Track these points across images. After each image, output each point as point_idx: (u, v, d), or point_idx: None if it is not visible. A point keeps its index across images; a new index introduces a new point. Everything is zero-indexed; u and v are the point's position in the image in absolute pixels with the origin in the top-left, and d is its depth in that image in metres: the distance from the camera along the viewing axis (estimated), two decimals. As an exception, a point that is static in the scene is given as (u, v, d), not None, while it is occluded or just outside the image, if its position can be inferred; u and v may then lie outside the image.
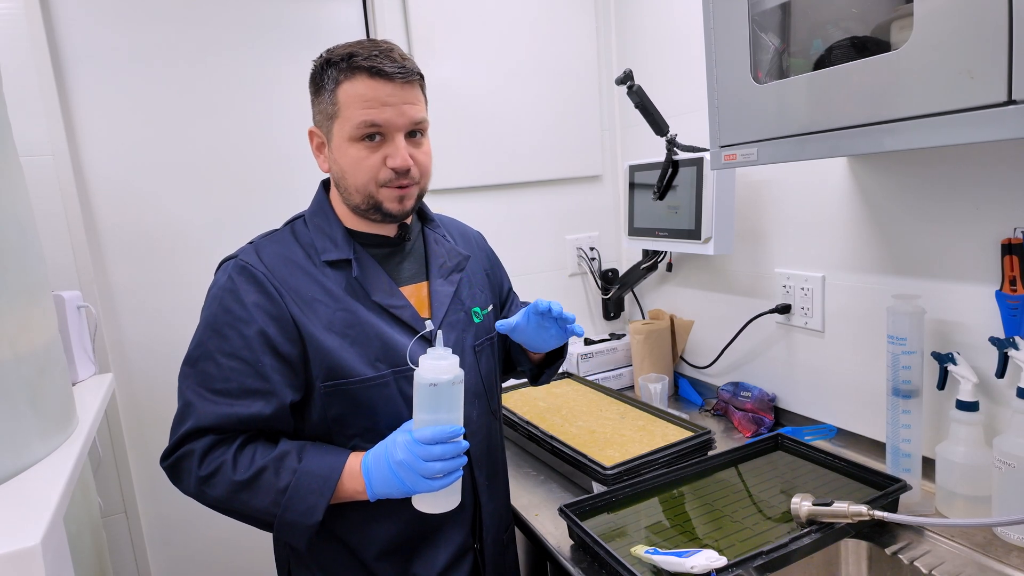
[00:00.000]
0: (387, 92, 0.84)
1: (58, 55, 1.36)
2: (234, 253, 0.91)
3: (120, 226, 1.45)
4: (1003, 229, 0.99)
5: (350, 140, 0.85)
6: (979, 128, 0.68)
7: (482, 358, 1.01)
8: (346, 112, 0.84)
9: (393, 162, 0.85)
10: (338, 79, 0.85)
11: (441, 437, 0.78)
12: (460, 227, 1.13)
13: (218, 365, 0.83)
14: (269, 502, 0.80)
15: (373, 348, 0.88)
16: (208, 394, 0.83)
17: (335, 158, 0.88)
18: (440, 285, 0.97)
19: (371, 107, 0.83)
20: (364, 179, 0.86)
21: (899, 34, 0.81)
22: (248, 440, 0.84)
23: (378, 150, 0.85)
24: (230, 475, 0.80)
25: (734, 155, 1.01)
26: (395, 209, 0.89)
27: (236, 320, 0.84)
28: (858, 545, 0.98)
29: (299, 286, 0.87)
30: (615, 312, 1.98)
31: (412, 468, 0.78)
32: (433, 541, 0.93)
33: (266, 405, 0.83)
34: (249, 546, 1.60)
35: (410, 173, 0.87)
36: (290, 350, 0.85)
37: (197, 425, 0.82)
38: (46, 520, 0.68)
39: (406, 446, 0.79)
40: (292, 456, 0.82)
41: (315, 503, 0.80)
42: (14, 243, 0.83)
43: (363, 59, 0.83)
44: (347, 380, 0.86)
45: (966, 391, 0.99)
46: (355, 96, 0.84)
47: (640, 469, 1.18)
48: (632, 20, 1.81)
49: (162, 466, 0.85)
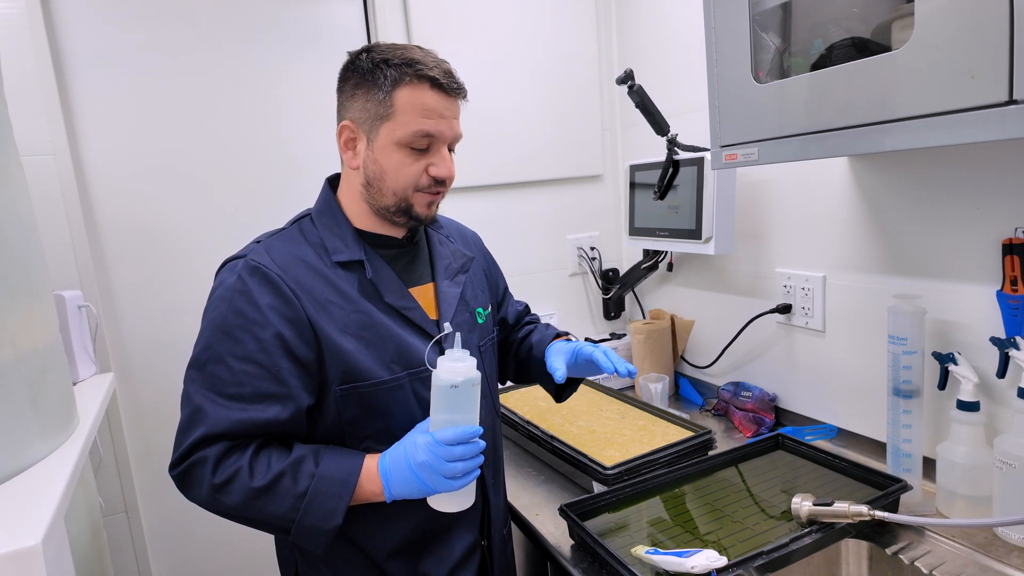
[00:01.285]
0: (444, 105, 0.86)
1: (59, 55, 1.36)
2: (241, 253, 0.87)
3: (121, 225, 1.45)
4: (1004, 229, 0.99)
5: (398, 144, 0.85)
6: (980, 128, 0.68)
7: (486, 358, 1.02)
8: (403, 117, 0.84)
9: (438, 171, 0.87)
10: (398, 81, 0.84)
11: (463, 438, 0.79)
12: (458, 227, 1.13)
13: (230, 369, 0.81)
14: (288, 508, 0.79)
15: (388, 350, 0.87)
16: (220, 399, 0.80)
17: (376, 158, 0.87)
18: (447, 286, 0.97)
19: (430, 117, 0.85)
20: (404, 184, 0.87)
21: (900, 34, 0.81)
22: (262, 445, 0.82)
23: (422, 158, 0.87)
24: (247, 482, 0.78)
25: (735, 155, 1.01)
26: (424, 213, 0.90)
27: (249, 323, 0.81)
28: (859, 545, 0.98)
29: (313, 287, 0.85)
30: (616, 312, 1.98)
31: (434, 469, 0.78)
32: (444, 540, 0.94)
33: (283, 410, 0.81)
34: (250, 546, 1.60)
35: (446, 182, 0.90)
36: (307, 353, 0.83)
37: (210, 431, 0.79)
38: (47, 520, 0.68)
39: (428, 448, 0.79)
40: (309, 460, 0.81)
41: (335, 507, 0.79)
42: (15, 242, 0.83)
43: (429, 69, 0.84)
44: (363, 383, 0.85)
45: (967, 391, 0.99)
46: (417, 104, 0.84)
47: (640, 469, 1.18)
48: (633, 20, 1.81)
49: (171, 475, 0.83)
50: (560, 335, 1.14)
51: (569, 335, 1.15)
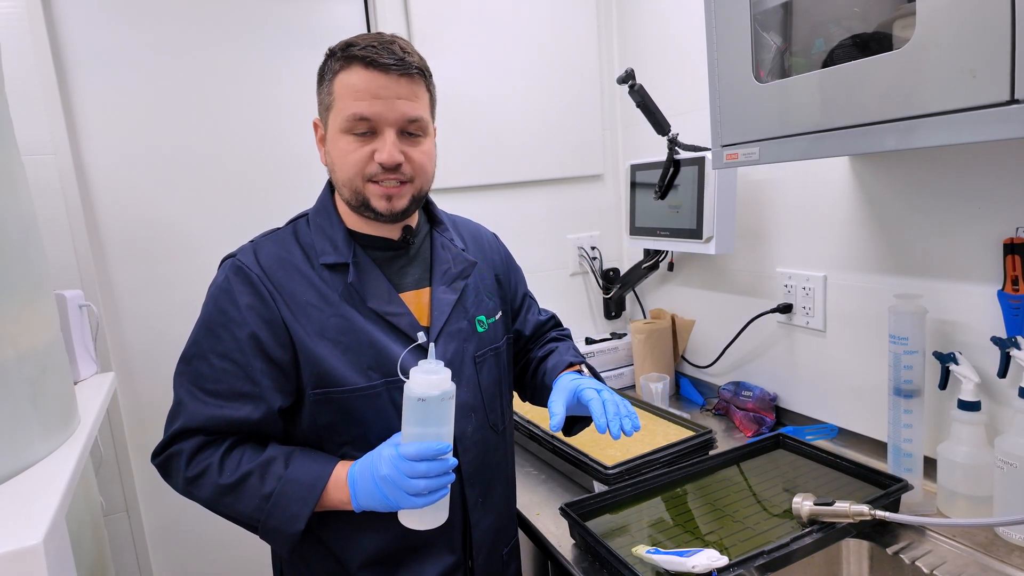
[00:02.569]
0: (380, 84, 0.81)
1: (60, 54, 1.36)
2: (234, 252, 0.89)
3: (122, 225, 1.45)
4: (1005, 229, 0.99)
5: (341, 132, 0.83)
6: (982, 128, 0.68)
7: (483, 370, 0.96)
8: (339, 103, 0.83)
9: (380, 156, 0.82)
10: (336, 69, 0.83)
11: (427, 454, 0.75)
12: (474, 229, 1.08)
13: (211, 365, 0.82)
14: (253, 507, 0.79)
15: (366, 356, 0.85)
16: (199, 393, 0.83)
17: (328, 149, 0.87)
18: (442, 292, 0.93)
19: (361, 99, 0.81)
20: (351, 172, 0.84)
21: (901, 33, 0.81)
22: (236, 443, 0.83)
23: (368, 144, 0.83)
24: (215, 478, 0.80)
25: (736, 154, 1.01)
26: (383, 208, 0.85)
27: (229, 321, 0.82)
28: (859, 545, 0.98)
29: (294, 289, 0.84)
30: (616, 311, 1.98)
31: (396, 484, 0.76)
32: (420, 556, 0.90)
33: (255, 410, 0.82)
34: (250, 545, 1.59)
35: (400, 169, 0.84)
36: (281, 355, 0.83)
37: (186, 425, 0.82)
38: (48, 519, 0.68)
39: (391, 461, 0.77)
40: (279, 462, 0.81)
41: (298, 512, 0.79)
42: (16, 242, 0.83)
43: (359, 49, 0.81)
44: (337, 388, 0.84)
45: (968, 391, 0.99)
46: (348, 87, 0.82)
47: (641, 468, 1.18)
48: (634, 19, 1.81)
49: (153, 463, 0.85)
50: (574, 364, 1.05)
51: (583, 365, 1.06)
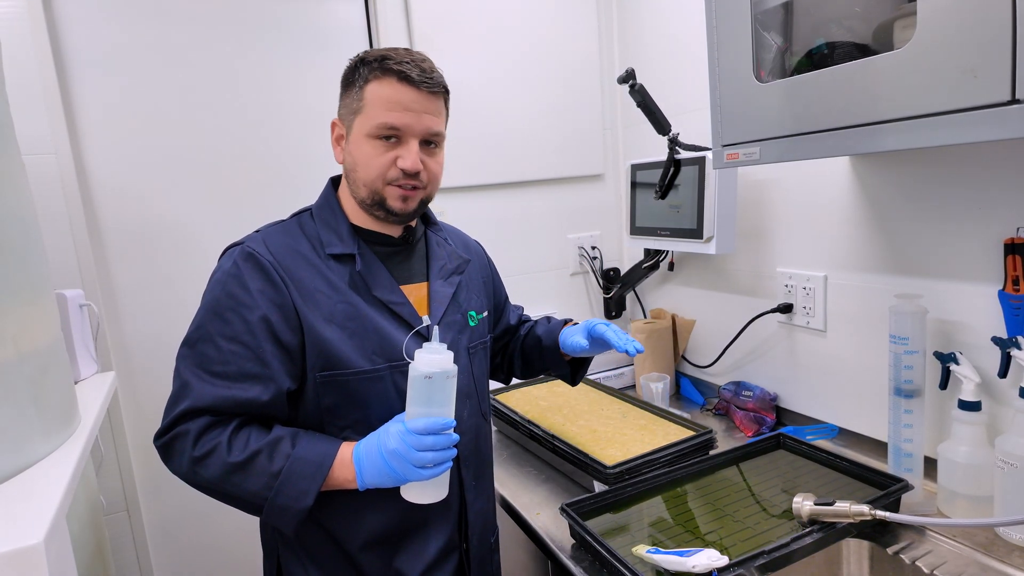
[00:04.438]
0: (411, 98, 0.88)
1: (60, 54, 1.36)
2: (240, 240, 0.92)
3: (122, 224, 1.45)
4: (1006, 229, 0.99)
5: (367, 136, 0.89)
6: (982, 128, 0.68)
7: (475, 360, 1.03)
8: (369, 110, 0.88)
9: (403, 163, 0.88)
10: (368, 77, 0.89)
11: (434, 428, 0.81)
12: (462, 236, 1.16)
13: (218, 348, 0.84)
14: (262, 485, 0.82)
15: (371, 341, 0.90)
16: (206, 375, 0.84)
17: (350, 150, 0.92)
18: (440, 286, 0.99)
19: (393, 110, 0.87)
20: (373, 175, 0.89)
21: (902, 33, 0.81)
22: (243, 424, 0.85)
23: (391, 150, 0.89)
24: (224, 456, 0.81)
25: (736, 154, 1.01)
26: (398, 207, 0.91)
27: (239, 305, 0.85)
28: (860, 545, 0.98)
29: (304, 277, 0.89)
30: (617, 311, 1.98)
31: (404, 457, 0.80)
32: (418, 537, 0.94)
33: (264, 391, 0.85)
34: (250, 545, 1.59)
35: (419, 176, 0.90)
36: (291, 339, 0.86)
37: (193, 405, 0.83)
38: (49, 518, 0.68)
39: (399, 435, 0.81)
40: (286, 441, 0.84)
41: (307, 488, 0.82)
42: (16, 241, 0.83)
43: (394, 63, 0.87)
44: (342, 371, 0.88)
45: (968, 391, 0.99)
46: (381, 97, 0.88)
47: (641, 468, 1.18)
48: (634, 19, 1.81)
49: (155, 444, 0.86)
50: (567, 322, 1.18)
51: (573, 321, 1.18)
